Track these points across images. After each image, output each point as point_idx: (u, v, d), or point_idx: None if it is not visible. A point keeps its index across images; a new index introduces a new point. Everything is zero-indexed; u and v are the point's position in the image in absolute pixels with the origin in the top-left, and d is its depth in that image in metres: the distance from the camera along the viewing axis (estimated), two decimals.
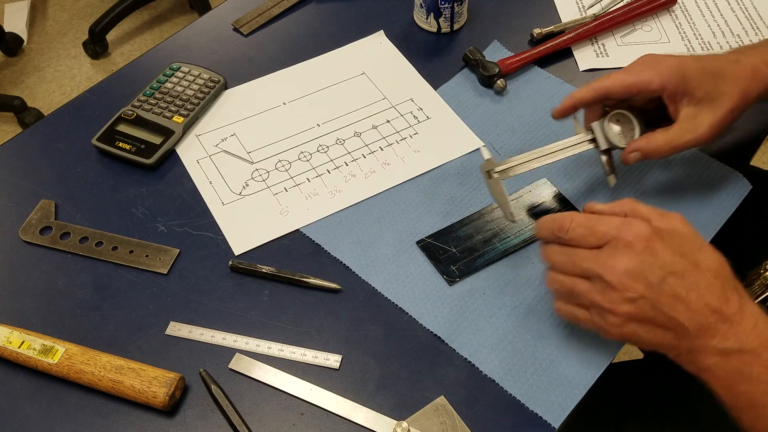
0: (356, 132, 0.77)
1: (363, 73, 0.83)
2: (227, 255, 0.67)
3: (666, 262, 0.51)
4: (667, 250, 0.51)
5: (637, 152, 0.63)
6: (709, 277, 0.51)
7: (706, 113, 0.61)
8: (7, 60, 2.15)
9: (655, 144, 0.62)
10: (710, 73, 0.61)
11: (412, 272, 0.66)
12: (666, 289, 0.51)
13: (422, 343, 0.61)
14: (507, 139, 0.76)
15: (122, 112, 0.77)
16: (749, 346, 0.50)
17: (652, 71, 0.61)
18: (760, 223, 0.81)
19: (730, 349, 0.50)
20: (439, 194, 0.72)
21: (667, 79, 0.61)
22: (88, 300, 0.64)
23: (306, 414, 0.58)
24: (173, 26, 2.25)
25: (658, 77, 0.61)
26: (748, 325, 0.50)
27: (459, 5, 0.85)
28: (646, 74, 0.61)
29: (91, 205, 0.71)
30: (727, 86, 0.61)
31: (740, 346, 0.50)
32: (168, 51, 0.87)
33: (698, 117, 0.61)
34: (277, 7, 0.91)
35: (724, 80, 0.61)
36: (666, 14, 0.90)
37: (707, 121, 0.61)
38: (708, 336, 0.50)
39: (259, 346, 0.61)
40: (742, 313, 0.51)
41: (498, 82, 0.80)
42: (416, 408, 0.58)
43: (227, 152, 0.76)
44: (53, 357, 0.58)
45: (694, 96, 0.61)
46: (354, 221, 0.70)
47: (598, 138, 0.65)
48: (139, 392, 0.56)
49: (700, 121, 0.61)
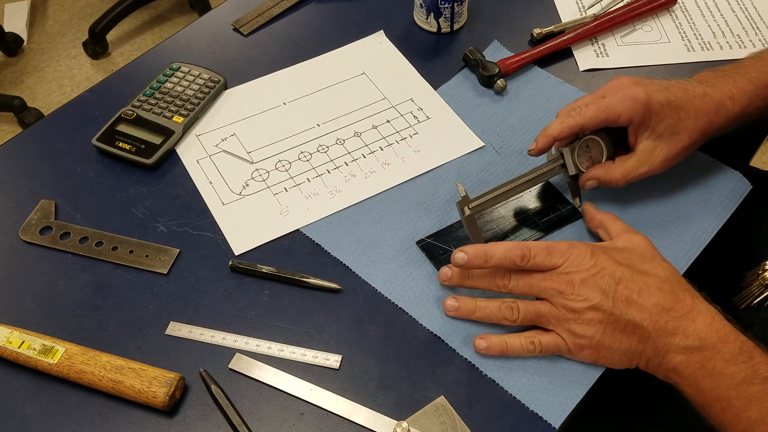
0: (356, 132, 0.77)
1: (363, 73, 0.83)
2: (227, 255, 0.67)
3: (614, 271, 0.56)
4: (614, 263, 0.57)
5: (594, 180, 0.67)
6: (657, 281, 0.56)
7: (663, 147, 0.64)
8: (7, 60, 2.15)
9: (611, 175, 0.66)
10: (674, 108, 0.63)
11: (412, 272, 0.66)
12: (619, 295, 0.55)
13: (422, 343, 0.61)
14: (507, 139, 0.76)
15: (122, 112, 0.77)
16: (709, 342, 0.53)
17: (621, 105, 0.63)
18: (760, 224, 0.81)
19: (692, 346, 0.53)
20: (439, 194, 0.72)
21: (633, 114, 0.63)
22: (88, 300, 0.64)
23: (306, 414, 0.58)
24: (173, 26, 2.25)
25: (627, 113, 0.63)
26: (704, 321, 0.54)
27: (459, 5, 0.85)
28: (615, 109, 0.64)
29: (91, 205, 0.71)
30: (689, 122, 0.64)
31: (701, 343, 0.53)
32: (168, 51, 0.87)
33: (655, 151, 0.65)
34: (277, 7, 0.91)
35: (687, 116, 0.64)
36: (666, 14, 0.90)
37: (663, 154, 0.65)
38: (668, 335, 0.54)
39: (259, 346, 0.61)
40: (696, 311, 0.54)
41: (498, 82, 0.80)
42: (416, 408, 0.58)
43: (227, 152, 0.76)
44: (53, 357, 0.58)
45: (655, 130, 0.64)
46: (354, 221, 0.70)
47: (568, 164, 0.67)
48: (139, 392, 0.56)
49: (656, 154, 0.65)
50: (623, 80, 0.65)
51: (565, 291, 0.56)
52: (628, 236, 0.62)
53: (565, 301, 0.56)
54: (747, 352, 0.52)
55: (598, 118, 0.64)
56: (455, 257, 0.59)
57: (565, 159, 0.67)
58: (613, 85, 0.66)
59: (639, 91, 0.63)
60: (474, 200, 0.64)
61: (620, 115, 0.63)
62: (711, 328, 0.53)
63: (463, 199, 0.64)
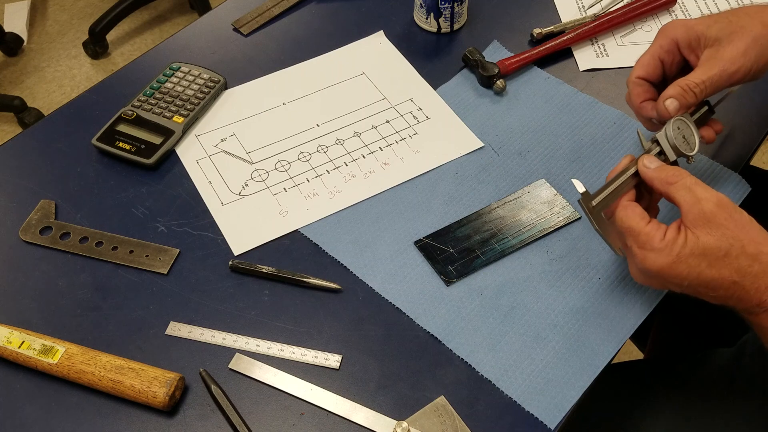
0: (356, 132, 0.77)
1: (363, 74, 0.83)
2: (227, 255, 0.67)
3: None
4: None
5: (672, 98, 0.62)
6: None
7: (726, 47, 0.61)
8: (7, 60, 2.15)
9: (688, 81, 0.61)
10: (720, 15, 0.62)
11: (410, 272, 0.66)
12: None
13: (422, 343, 0.62)
14: (506, 139, 0.77)
15: (122, 112, 0.77)
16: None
17: (660, 37, 0.63)
18: (759, 224, 0.81)
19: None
20: (438, 194, 0.72)
21: (673, 35, 0.62)
22: (88, 300, 0.64)
23: (306, 414, 0.58)
24: (173, 26, 2.25)
25: (665, 39, 0.63)
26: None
27: (459, 5, 0.85)
28: (655, 44, 0.63)
29: (91, 205, 0.71)
30: (744, 19, 0.61)
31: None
32: (168, 51, 0.87)
33: (718, 52, 0.61)
34: (277, 7, 0.91)
35: (738, 15, 0.61)
36: (666, 14, 0.90)
37: (729, 53, 0.61)
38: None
39: (259, 346, 0.61)
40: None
41: (497, 83, 0.80)
42: (416, 408, 0.58)
43: (227, 152, 0.76)
44: (53, 357, 0.58)
45: (708, 36, 0.61)
46: (352, 221, 0.70)
47: (666, 149, 0.62)
48: (139, 392, 0.56)
49: (721, 54, 0.61)
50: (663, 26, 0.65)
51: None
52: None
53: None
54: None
55: (645, 61, 0.64)
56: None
57: (662, 145, 0.62)
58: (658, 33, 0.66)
59: (675, 21, 0.64)
60: (596, 195, 0.59)
61: (660, 44, 0.63)
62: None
63: (584, 195, 0.58)
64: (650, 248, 0.54)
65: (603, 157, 0.75)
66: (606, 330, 0.62)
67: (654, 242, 0.53)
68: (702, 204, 0.53)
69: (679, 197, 0.55)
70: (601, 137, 0.76)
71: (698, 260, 0.52)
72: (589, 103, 0.80)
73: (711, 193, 0.54)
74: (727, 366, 0.74)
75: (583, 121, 0.78)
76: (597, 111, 0.79)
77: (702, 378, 0.75)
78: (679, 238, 0.53)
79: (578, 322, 0.63)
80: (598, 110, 0.79)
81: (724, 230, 0.52)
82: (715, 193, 0.54)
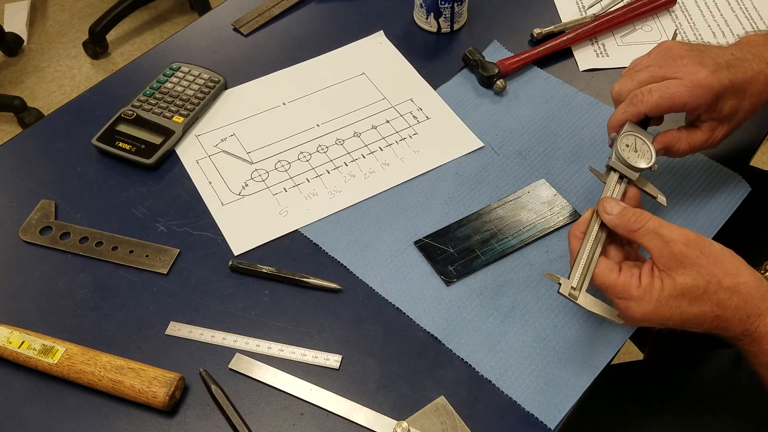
0: (356, 132, 0.77)
1: (363, 74, 0.83)
2: (227, 255, 0.67)
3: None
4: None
5: (663, 148, 0.64)
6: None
7: (724, 127, 0.64)
8: (7, 60, 2.15)
9: (679, 145, 0.64)
10: (735, 91, 0.61)
11: (410, 272, 0.66)
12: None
13: (422, 343, 0.62)
14: (506, 139, 0.77)
15: (122, 112, 0.77)
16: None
17: (688, 94, 0.60)
18: (760, 224, 0.81)
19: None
20: (437, 194, 0.72)
21: (701, 103, 0.61)
22: (88, 300, 0.64)
23: (306, 414, 0.58)
24: (173, 26, 2.25)
25: (694, 102, 0.60)
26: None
27: (459, 5, 0.85)
28: (681, 98, 0.60)
29: (91, 205, 0.71)
30: (745, 103, 0.63)
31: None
32: (168, 51, 0.87)
33: (716, 130, 0.64)
34: (277, 7, 0.91)
35: (744, 98, 0.62)
36: (666, 14, 0.90)
37: (722, 133, 0.64)
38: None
39: (259, 346, 0.61)
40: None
41: (497, 83, 0.80)
42: (416, 408, 0.58)
43: (227, 152, 0.76)
44: (53, 357, 0.58)
45: (721, 112, 0.62)
46: (352, 221, 0.70)
47: (623, 171, 0.62)
48: (139, 392, 0.56)
49: (718, 133, 0.64)
50: (677, 50, 0.62)
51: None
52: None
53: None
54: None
55: (661, 107, 0.61)
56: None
57: (620, 171, 0.61)
58: (668, 57, 0.62)
59: (709, 78, 0.59)
60: (572, 277, 0.56)
61: (686, 104, 0.61)
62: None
63: (561, 286, 0.55)
64: (629, 297, 0.54)
65: (603, 157, 0.75)
66: (606, 330, 0.62)
67: (632, 291, 0.53)
68: (671, 246, 0.53)
69: (646, 242, 0.55)
70: (601, 137, 0.76)
71: (678, 301, 0.53)
72: (589, 103, 0.80)
73: (677, 232, 0.54)
74: (727, 367, 0.74)
75: (583, 121, 0.78)
76: (597, 111, 0.79)
77: (701, 379, 0.75)
78: (655, 282, 0.53)
79: (578, 323, 0.63)
80: (598, 110, 0.79)
81: (698, 268, 0.52)
82: (680, 231, 0.54)
